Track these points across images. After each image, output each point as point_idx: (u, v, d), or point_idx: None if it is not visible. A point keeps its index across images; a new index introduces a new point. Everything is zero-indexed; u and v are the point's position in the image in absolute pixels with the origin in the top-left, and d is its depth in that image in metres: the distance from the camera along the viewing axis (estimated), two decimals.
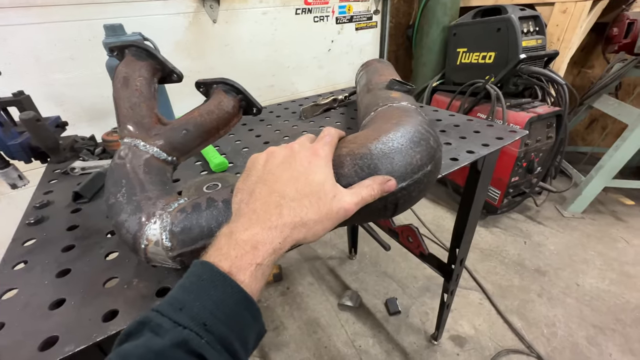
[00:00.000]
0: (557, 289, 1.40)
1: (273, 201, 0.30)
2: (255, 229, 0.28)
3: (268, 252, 0.27)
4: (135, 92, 0.40)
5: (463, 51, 1.78)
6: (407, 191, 0.38)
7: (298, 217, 0.29)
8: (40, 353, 0.30)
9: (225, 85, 0.45)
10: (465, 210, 0.84)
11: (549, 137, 1.61)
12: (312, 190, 0.31)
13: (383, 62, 0.89)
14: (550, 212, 1.88)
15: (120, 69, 0.41)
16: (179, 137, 0.41)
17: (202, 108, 0.43)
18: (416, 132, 0.40)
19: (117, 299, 0.36)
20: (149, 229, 0.33)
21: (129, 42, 0.42)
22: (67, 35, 1.13)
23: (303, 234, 0.30)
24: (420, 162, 0.38)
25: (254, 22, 1.53)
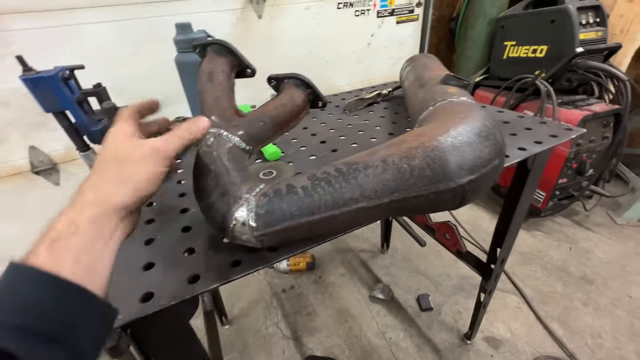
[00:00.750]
0: (605, 299, 1.32)
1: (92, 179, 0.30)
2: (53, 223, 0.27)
3: (61, 225, 0.26)
4: (219, 86, 0.45)
5: (511, 44, 1.70)
6: (476, 184, 0.39)
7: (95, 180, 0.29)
8: (141, 304, 0.36)
9: (296, 80, 0.49)
10: (510, 210, 0.82)
11: (605, 138, 1.50)
12: (108, 153, 0.31)
13: (431, 57, 0.88)
14: (601, 218, 1.75)
15: (205, 64, 0.46)
16: (256, 128, 0.45)
17: (276, 101, 0.47)
18: (484, 127, 0.41)
19: (197, 266, 0.41)
20: (237, 211, 0.38)
21: (212, 40, 0.47)
22: (131, 32, 1.24)
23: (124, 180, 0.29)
24: (489, 156, 0.40)
25: (297, 17, 1.56)
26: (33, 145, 1.25)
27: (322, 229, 0.40)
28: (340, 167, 0.39)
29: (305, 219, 0.38)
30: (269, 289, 1.49)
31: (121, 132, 0.32)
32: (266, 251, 0.42)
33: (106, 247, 0.27)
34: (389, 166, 0.38)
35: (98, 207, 0.27)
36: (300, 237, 0.40)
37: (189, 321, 0.44)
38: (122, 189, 0.29)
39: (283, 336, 1.28)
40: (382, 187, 0.38)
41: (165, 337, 0.41)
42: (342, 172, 0.39)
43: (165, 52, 1.32)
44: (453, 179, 0.38)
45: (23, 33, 1.09)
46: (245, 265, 0.41)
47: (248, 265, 0.41)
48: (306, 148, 0.72)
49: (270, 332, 1.30)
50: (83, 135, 0.77)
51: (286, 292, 1.47)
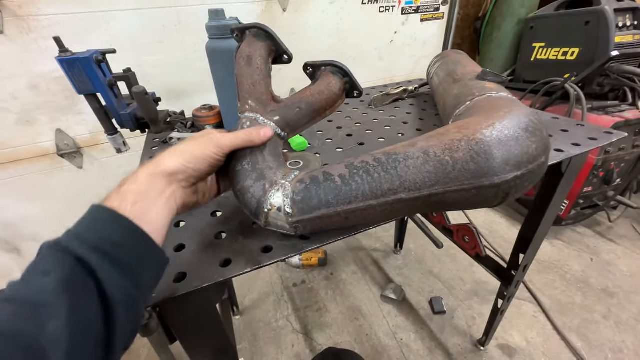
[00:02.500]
0: (627, 313, 1.27)
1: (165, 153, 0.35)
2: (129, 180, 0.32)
3: (129, 178, 0.32)
4: (257, 71, 0.45)
5: (540, 46, 1.64)
6: (521, 180, 0.37)
7: (166, 152, 0.35)
8: (174, 284, 0.36)
9: (334, 68, 0.48)
10: (538, 215, 0.80)
11: (636, 147, 1.44)
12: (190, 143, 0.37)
13: (461, 54, 0.86)
14: (626, 230, 1.68)
15: (244, 48, 0.45)
16: (292, 114, 0.44)
17: (314, 88, 0.47)
18: (530, 122, 0.39)
19: (228, 250, 0.41)
20: (273, 196, 0.37)
21: (251, 24, 0.46)
22: (158, 21, 1.25)
23: (170, 156, 0.34)
24: (536, 152, 0.38)
25: (321, 11, 1.55)
26: (59, 128, 1.29)
27: (358, 219, 0.39)
28: (379, 157, 0.38)
29: (342, 208, 0.37)
30: (280, 282, 1.49)
31: (214, 138, 0.38)
32: (298, 239, 0.42)
33: (158, 198, 0.32)
34: (431, 158, 0.37)
35: (153, 167, 0.33)
36: (334, 226, 0.40)
37: (216, 305, 0.44)
38: (173, 158, 0.34)
39: (293, 330, 1.28)
40: (423, 179, 0.37)
41: (192, 320, 0.41)
42: (382, 162, 0.38)
43: (191, 41, 1.35)
44: (498, 175, 0.36)
45: (54, 18, 1.11)
46: (276, 252, 0.40)
47: (279, 252, 0.40)
48: (332, 140, 0.71)
49: (280, 325, 1.30)
50: (112, 119, 0.78)
51: (297, 286, 1.47)
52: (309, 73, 0.48)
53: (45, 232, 1.44)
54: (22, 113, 1.19)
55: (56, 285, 0.23)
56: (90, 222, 0.28)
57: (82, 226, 0.27)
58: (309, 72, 0.48)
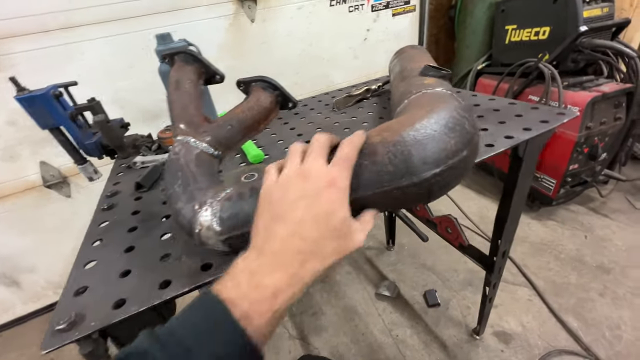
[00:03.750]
0: (624, 288, 1.25)
1: (295, 246, 0.29)
2: (278, 275, 0.27)
3: (286, 301, 0.27)
4: (185, 94, 0.46)
5: (512, 28, 1.64)
6: (442, 177, 0.38)
7: (320, 263, 0.29)
8: (113, 310, 0.37)
9: (263, 83, 0.49)
10: (508, 199, 0.80)
11: (617, 119, 1.42)
12: (333, 232, 0.30)
13: (417, 48, 0.87)
14: (619, 204, 1.66)
15: (173, 74, 0.47)
16: (224, 132, 0.45)
17: (244, 105, 0.48)
18: (450, 117, 0.40)
19: (170, 271, 0.42)
20: (202, 216, 0.38)
21: (177, 49, 0.48)
22: (127, 46, 1.27)
23: (320, 274, 0.30)
24: (455, 147, 0.38)
25: (290, 18, 1.57)
26: (43, 160, 1.32)
27: None
28: None
29: None
30: None
31: (347, 190, 0.33)
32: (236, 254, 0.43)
33: None
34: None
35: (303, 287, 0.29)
36: None
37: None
38: (318, 274, 0.30)
39: (289, 336, 1.29)
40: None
41: None
42: None
43: None
44: (416, 174, 0.37)
45: (26, 54, 1.14)
46: (216, 269, 0.41)
47: (219, 268, 0.41)
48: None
49: (277, 332, 1.31)
50: (79, 149, 0.80)
51: None
52: (242, 89, 0.49)
53: (42, 263, 1.47)
54: (4, 149, 1.23)
55: None
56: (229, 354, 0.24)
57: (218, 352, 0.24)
58: (242, 89, 0.49)
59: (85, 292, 0.41)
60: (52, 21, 1.13)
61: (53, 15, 1.11)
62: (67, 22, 1.15)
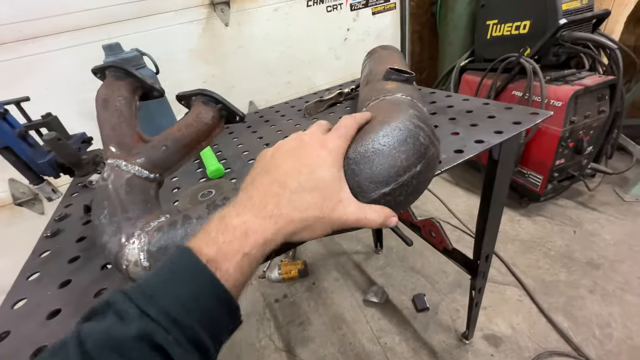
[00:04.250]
0: (613, 284, 1.23)
1: (272, 190, 0.29)
2: (248, 216, 0.27)
3: (258, 242, 0.26)
4: (115, 113, 0.42)
5: (493, 23, 1.61)
6: (392, 196, 0.34)
7: (297, 211, 0.28)
8: None
9: (204, 97, 0.45)
10: (487, 202, 0.77)
11: (601, 112, 1.40)
12: (316, 185, 0.30)
13: (388, 49, 0.83)
14: (608, 197, 1.65)
15: (100, 90, 0.43)
16: (158, 153, 0.42)
17: (181, 122, 0.44)
18: (402, 129, 0.37)
19: None
20: (128, 250, 0.34)
21: (108, 63, 0.44)
22: (93, 55, 1.22)
23: (300, 229, 0.29)
24: (406, 162, 0.35)
25: (266, 20, 1.53)
26: (12, 177, 1.26)
27: None
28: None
29: None
30: (262, 300, 1.47)
31: (340, 157, 0.33)
32: None
33: None
34: None
35: (278, 232, 0.28)
36: None
37: None
38: (296, 226, 0.29)
39: (275, 348, 1.25)
40: None
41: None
42: None
43: None
44: (364, 195, 0.33)
45: None
46: None
47: None
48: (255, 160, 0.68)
49: (263, 344, 1.27)
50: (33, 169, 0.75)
51: (279, 301, 1.44)
52: (184, 104, 0.45)
53: None
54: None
55: None
56: (194, 307, 0.23)
57: (180, 305, 0.22)
58: (184, 104, 0.45)
59: (6, 338, 0.37)
60: (7, 33, 1.07)
61: (7, 27, 1.06)
62: (23, 34, 1.09)
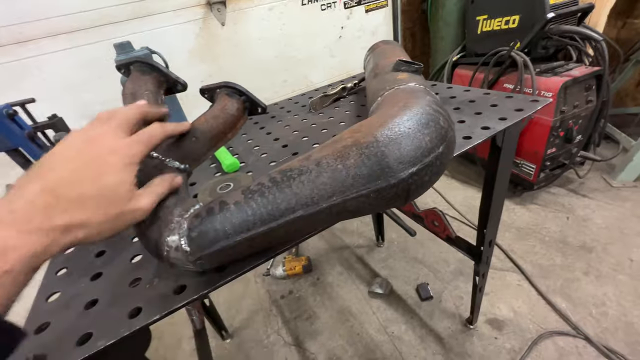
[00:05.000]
0: (606, 265, 1.29)
1: (41, 201, 0.26)
2: (7, 232, 0.24)
3: (23, 258, 0.24)
4: None
5: (483, 18, 1.66)
6: (419, 176, 0.37)
7: (76, 220, 0.27)
8: (77, 348, 0.34)
9: (228, 89, 0.46)
10: (490, 189, 0.80)
11: (589, 101, 1.46)
12: (100, 193, 0.28)
13: (390, 43, 0.86)
14: (597, 183, 1.72)
15: (128, 85, 0.44)
16: (188, 145, 0.43)
17: (208, 114, 0.45)
18: (424, 114, 0.39)
19: (141, 297, 0.39)
20: (169, 236, 0.36)
21: (133, 58, 0.45)
22: (92, 56, 1.22)
23: (83, 234, 0.27)
24: (430, 144, 0.37)
25: (261, 19, 1.54)
26: (9, 183, 1.24)
27: (265, 243, 0.38)
28: (274, 176, 0.37)
29: (242, 236, 0.35)
30: (267, 297, 1.48)
31: (134, 161, 0.31)
32: (214, 272, 0.40)
33: None
34: (324, 169, 0.36)
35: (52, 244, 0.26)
36: (243, 254, 0.38)
37: (144, 354, 0.42)
38: (77, 233, 0.27)
39: (285, 343, 1.26)
40: (318, 192, 0.35)
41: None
42: (277, 182, 0.36)
43: None
44: (393, 175, 0.35)
45: None
46: (190, 291, 0.39)
47: (193, 290, 0.39)
48: (267, 154, 0.69)
49: (272, 340, 1.28)
50: None
51: (285, 297, 1.46)
52: (207, 97, 0.47)
53: None
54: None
55: None
56: None
57: None
58: (207, 97, 0.47)
59: (47, 329, 0.38)
60: (5, 35, 1.06)
61: (6, 29, 1.05)
62: (19, 36, 1.08)
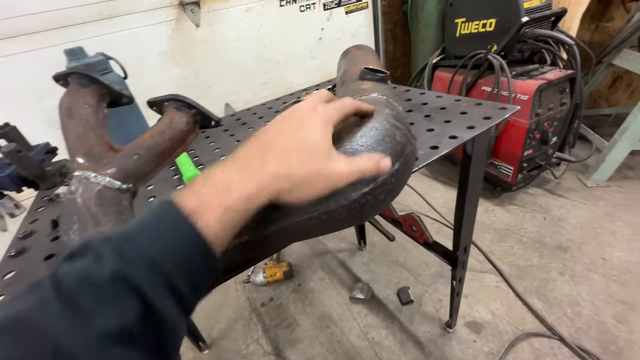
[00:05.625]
0: (580, 265, 1.32)
1: (259, 149, 0.29)
2: (232, 171, 0.27)
3: (241, 197, 0.26)
4: (81, 122, 0.40)
5: (461, 21, 1.67)
6: (372, 196, 0.35)
7: (284, 167, 0.28)
8: None
9: (176, 102, 0.43)
10: (462, 196, 0.79)
11: (563, 104, 1.49)
12: (303, 145, 0.30)
13: (362, 48, 0.84)
14: (572, 183, 1.76)
15: (64, 99, 0.40)
16: (130, 163, 0.40)
17: (154, 129, 0.42)
18: (379, 129, 0.37)
19: None
20: None
21: (70, 69, 0.41)
22: (56, 59, 1.15)
23: (287, 186, 0.28)
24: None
25: (238, 20, 1.50)
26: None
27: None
28: None
29: None
30: (247, 305, 1.45)
31: (330, 124, 0.33)
32: None
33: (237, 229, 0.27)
34: None
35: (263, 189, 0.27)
36: None
37: None
38: (283, 183, 0.29)
39: (264, 352, 1.24)
40: (264, 216, 0.33)
41: None
42: None
43: None
44: (343, 196, 0.34)
45: None
46: None
47: None
48: None
49: (251, 350, 1.25)
50: None
51: (265, 305, 1.43)
52: (155, 110, 0.44)
53: None
54: None
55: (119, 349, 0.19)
56: (177, 257, 0.23)
57: (158, 250, 0.22)
58: (156, 110, 0.44)
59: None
60: None
61: None
62: None
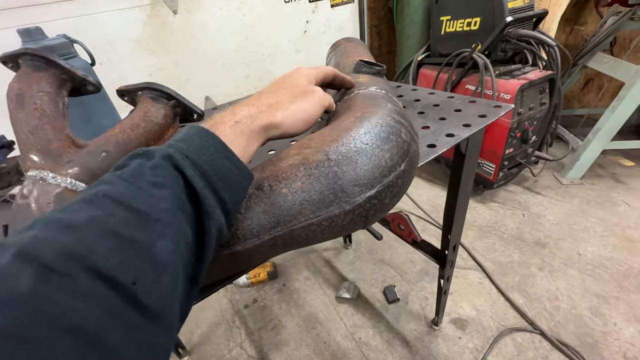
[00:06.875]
0: (558, 260, 1.37)
1: (255, 96, 0.36)
2: (237, 107, 0.33)
3: (245, 115, 0.32)
4: (35, 113, 0.33)
5: (447, 19, 1.67)
6: (378, 199, 0.31)
7: (274, 99, 0.35)
8: None
9: (152, 91, 0.38)
10: (454, 195, 0.78)
11: (543, 104, 1.53)
12: (288, 86, 0.38)
13: (352, 41, 0.81)
14: (549, 181, 1.82)
15: (12, 85, 0.34)
16: (97, 161, 0.34)
17: (125, 122, 0.36)
18: (384, 125, 0.34)
19: None
20: None
21: (21, 50, 0.35)
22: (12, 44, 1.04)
23: (280, 112, 0.34)
24: (391, 161, 0.32)
25: (219, 8, 1.42)
26: None
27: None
28: None
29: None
30: (230, 307, 1.39)
31: (311, 77, 0.41)
32: None
33: (252, 146, 0.32)
34: (265, 194, 0.30)
35: (261, 113, 0.33)
36: None
37: None
38: (275, 109, 0.35)
39: (248, 357, 1.19)
40: (259, 223, 0.29)
41: None
42: None
43: None
44: (348, 200, 0.30)
45: None
46: None
47: None
48: None
49: (234, 354, 1.20)
50: None
51: (249, 307, 1.38)
52: (127, 100, 0.38)
53: None
54: None
55: (170, 205, 0.22)
56: (199, 147, 0.27)
57: (191, 147, 0.26)
58: (127, 100, 0.38)
59: None
60: None
61: None
62: None
